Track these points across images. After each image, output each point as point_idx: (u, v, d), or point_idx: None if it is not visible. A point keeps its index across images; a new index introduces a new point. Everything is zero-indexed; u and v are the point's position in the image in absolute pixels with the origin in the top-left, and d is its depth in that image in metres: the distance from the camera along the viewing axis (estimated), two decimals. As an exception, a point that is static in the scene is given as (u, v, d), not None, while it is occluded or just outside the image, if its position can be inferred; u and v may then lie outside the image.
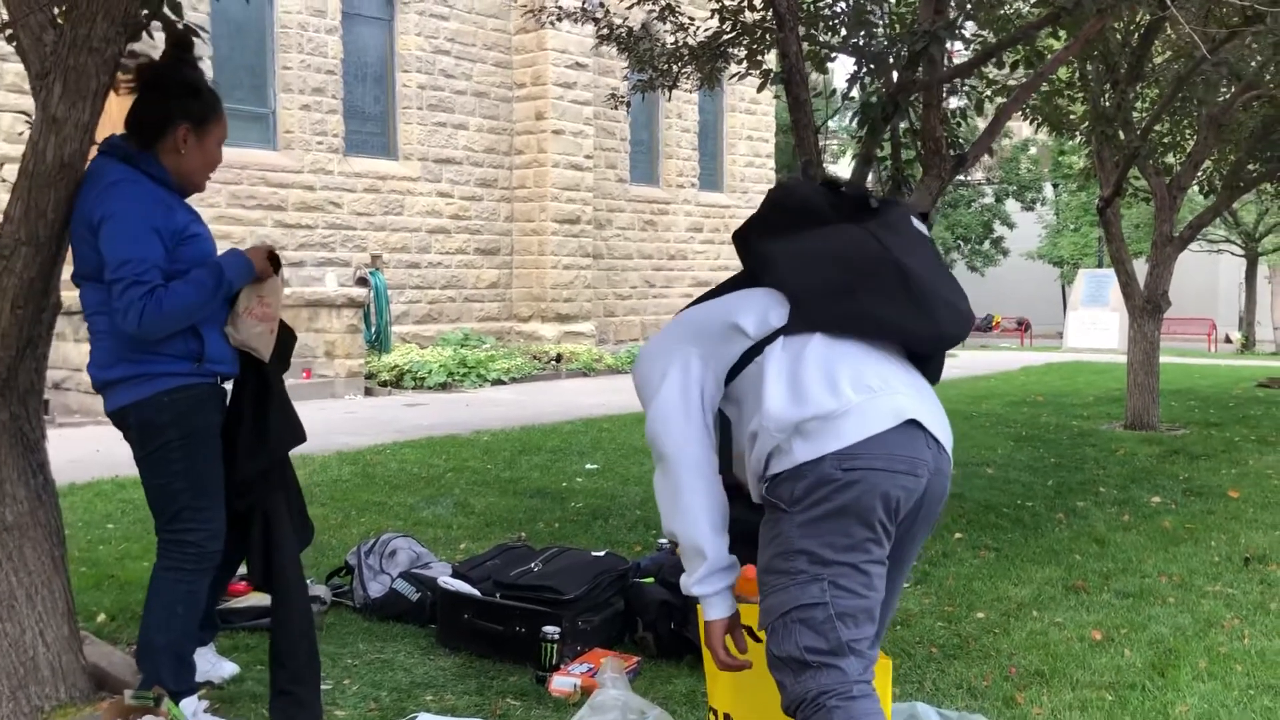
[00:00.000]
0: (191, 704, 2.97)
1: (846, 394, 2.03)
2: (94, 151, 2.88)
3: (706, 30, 7.05)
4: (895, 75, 5.51)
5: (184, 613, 2.97)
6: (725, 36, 6.85)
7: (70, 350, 10.46)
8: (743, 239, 2.31)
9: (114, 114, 2.83)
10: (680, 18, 7.05)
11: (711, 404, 2.18)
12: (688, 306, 2.37)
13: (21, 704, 2.99)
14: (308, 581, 4.11)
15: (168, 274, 2.77)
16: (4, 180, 4.78)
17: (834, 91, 7.92)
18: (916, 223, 2.23)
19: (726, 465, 2.22)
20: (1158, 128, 9.17)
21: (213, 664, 3.38)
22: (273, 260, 3.03)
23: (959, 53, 7.06)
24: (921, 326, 2.13)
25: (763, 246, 2.23)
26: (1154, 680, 3.48)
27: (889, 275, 2.09)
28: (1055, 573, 4.78)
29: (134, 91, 2.92)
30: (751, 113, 21.38)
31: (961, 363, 18.62)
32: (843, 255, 2.12)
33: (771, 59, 7.42)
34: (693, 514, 2.13)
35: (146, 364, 2.84)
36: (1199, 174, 9.95)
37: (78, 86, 2.68)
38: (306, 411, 3.74)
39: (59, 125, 2.70)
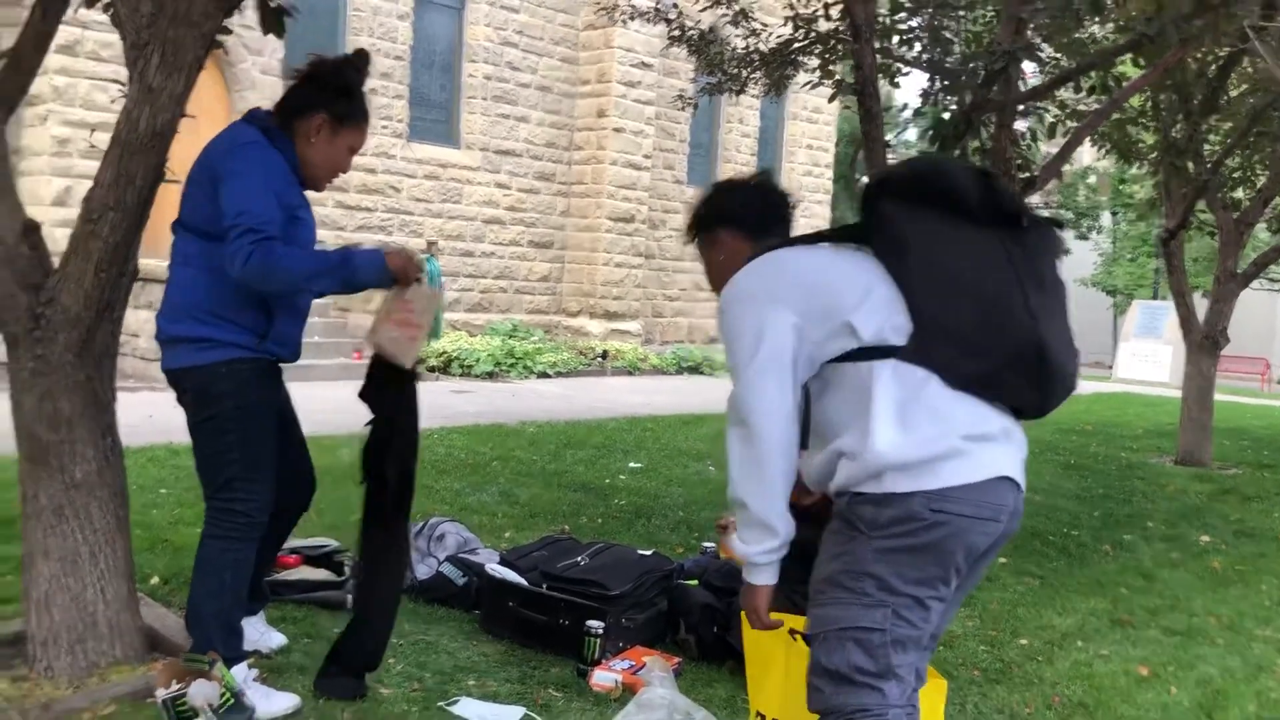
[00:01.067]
0: (241, 671, 3.01)
1: (954, 440, 1.99)
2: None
3: (778, 37, 7.03)
4: (969, 93, 5.48)
5: (231, 581, 3.01)
6: (797, 44, 6.83)
7: (129, 316, 10.60)
8: (873, 198, 2.18)
9: (206, 98, 2.88)
10: (753, 23, 7.04)
11: (802, 381, 2.10)
12: (782, 245, 2.25)
13: (79, 658, 3.06)
14: (354, 561, 4.17)
15: (282, 238, 2.80)
16: (94, 146, 4.86)
17: (905, 106, 7.87)
18: (1058, 264, 2.14)
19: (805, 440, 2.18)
20: (1228, 161, 9.02)
21: (261, 633, 3.42)
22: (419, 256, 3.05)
23: (1031, 75, 7.00)
24: (1035, 405, 2.10)
25: (896, 222, 2.11)
26: (1201, 721, 3.44)
27: (1030, 357, 2.01)
28: (1101, 604, 4.72)
29: (296, 80, 3.00)
30: (813, 121, 21.30)
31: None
32: (992, 315, 2.01)
33: (842, 69, 7.38)
34: (774, 491, 2.07)
35: (211, 328, 2.87)
36: (1268, 210, 9.79)
37: (175, 58, 2.73)
38: (355, 391, 3.78)
39: (154, 95, 2.76)
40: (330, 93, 2.96)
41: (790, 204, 2.48)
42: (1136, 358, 23.67)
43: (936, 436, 1.99)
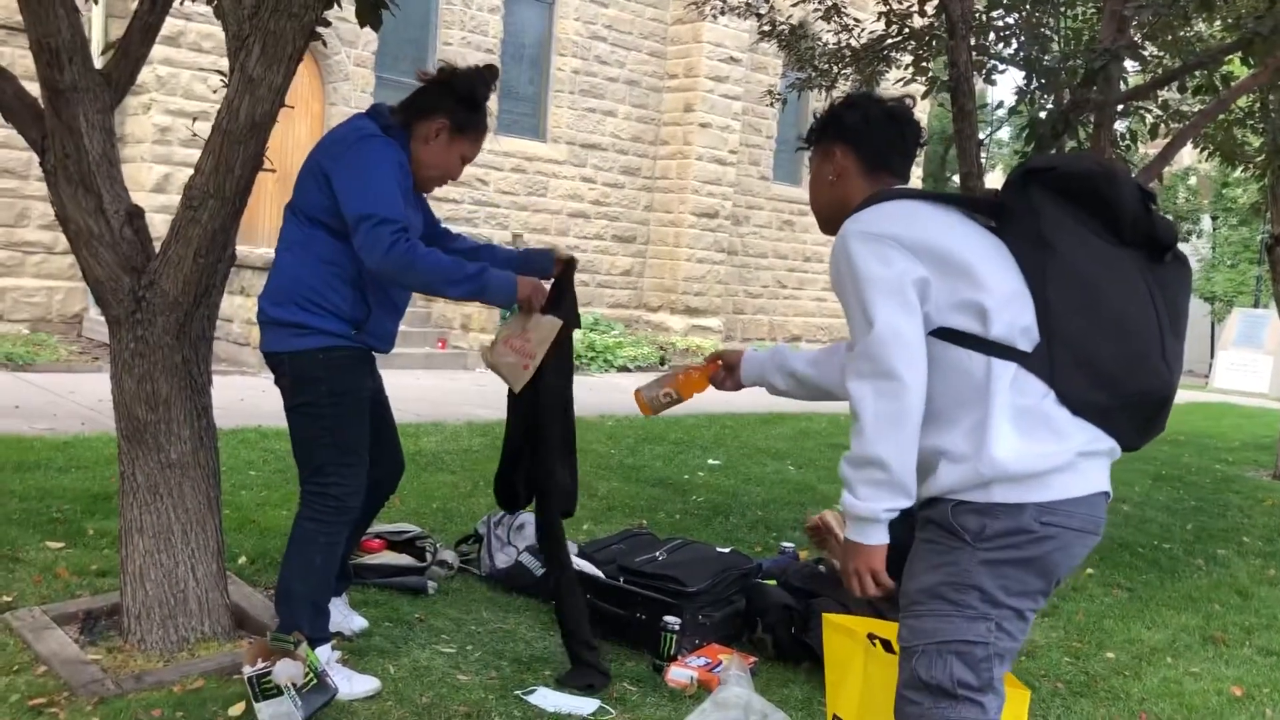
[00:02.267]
0: (325, 652, 3.07)
1: (1068, 454, 1.94)
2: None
3: (870, 33, 6.95)
4: (1068, 92, 5.35)
5: (322, 563, 3.06)
6: (890, 40, 6.75)
7: (223, 302, 10.92)
8: (1024, 184, 2.05)
9: (302, 89, 2.94)
10: (845, 18, 6.97)
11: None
12: (911, 194, 2.10)
13: (170, 633, 3.15)
14: (437, 545, 4.23)
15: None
16: (195, 135, 5.00)
17: (1000, 104, 7.71)
18: (1190, 303, 2.06)
19: None
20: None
21: (344, 615, 3.48)
22: (565, 271, 3.20)
23: (1131, 74, 6.81)
24: (1133, 444, 2.05)
25: (1043, 215, 2.00)
26: (1297, 745, 3.31)
27: (1151, 405, 1.97)
28: (1193, 620, 4.58)
29: (426, 83, 3.08)
30: (902, 119, 20.97)
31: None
32: (1130, 351, 1.93)
33: (936, 66, 7.27)
34: (910, 447, 1.93)
35: (310, 314, 2.93)
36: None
37: (275, 50, 2.78)
38: (439, 380, 3.83)
39: (254, 86, 2.82)
40: (455, 100, 3.04)
41: (920, 140, 2.29)
42: (1235, 367, 22.88)
43: (1055, 452, 1.93)
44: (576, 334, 14.52)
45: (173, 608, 3.16)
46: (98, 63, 3.18)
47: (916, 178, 21.55)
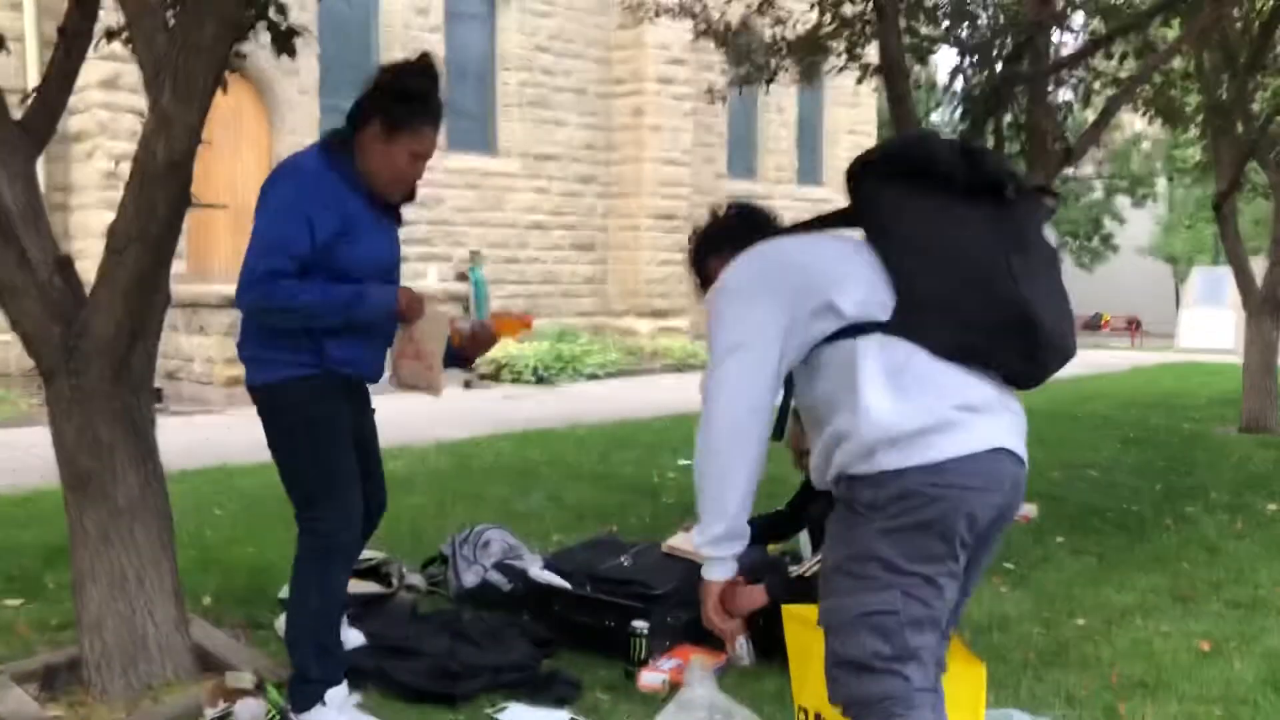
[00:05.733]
0: (339, 694, 2.98)
1: (947, 411, 1.96)
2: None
3: (805, 24, 6.98)
4: (999, 67, 5.40)
5: (319, 605, 2.98)
6: (824, 30, 6.78)
7: (183, 341, 10.84)
8: (857, 176, 2.15)
9: (248, 123, 2.92)
10: (778, 11, 7.00)
11: (784, 373, 2.08)
12: (779, 234, 2.26)
13: (132, 680, 3.12)
14: (403, 569, 4.20)
15: (307, 263, 2.78)
16: (116, 176, 4.96)
17: (934, 85, 7.77)
18: (1048, 233, 2.11)
19: (781, 430, 2.17)
20: (1278, 119, 8.78)
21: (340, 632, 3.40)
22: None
23: (1069, 44, 6.88)
24: (1028, 374, 2.07)
25: (880, 199, 2.10)
26: (1266, 696, 3.34)
27: (1015, 326, 1.98)
28: (1161, 580, 4.62)
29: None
30: (854, 106, 21.10)
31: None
32: (973, 281, 1.98)
33: (871, 52, 7.31)
34: (729, 487, 2.06)
35: (273, 350, 2.88)
36: (1323, 167, 9.50)
37: (186, 87, 2.76)
38: (407, 404, 3.82)
39: (169, 124, 2.80)
40: (386, 96, 2.87)
41: (774, 219, 2.44)
42: (1199, 325, 23.16)
43: (929, 405, 1.96)
44: (544, 347, 14.37)
45: (133, 654, 3.13)
46: (16, 112, 3.15)
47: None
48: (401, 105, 2.86)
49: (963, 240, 2.01)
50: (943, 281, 2.00)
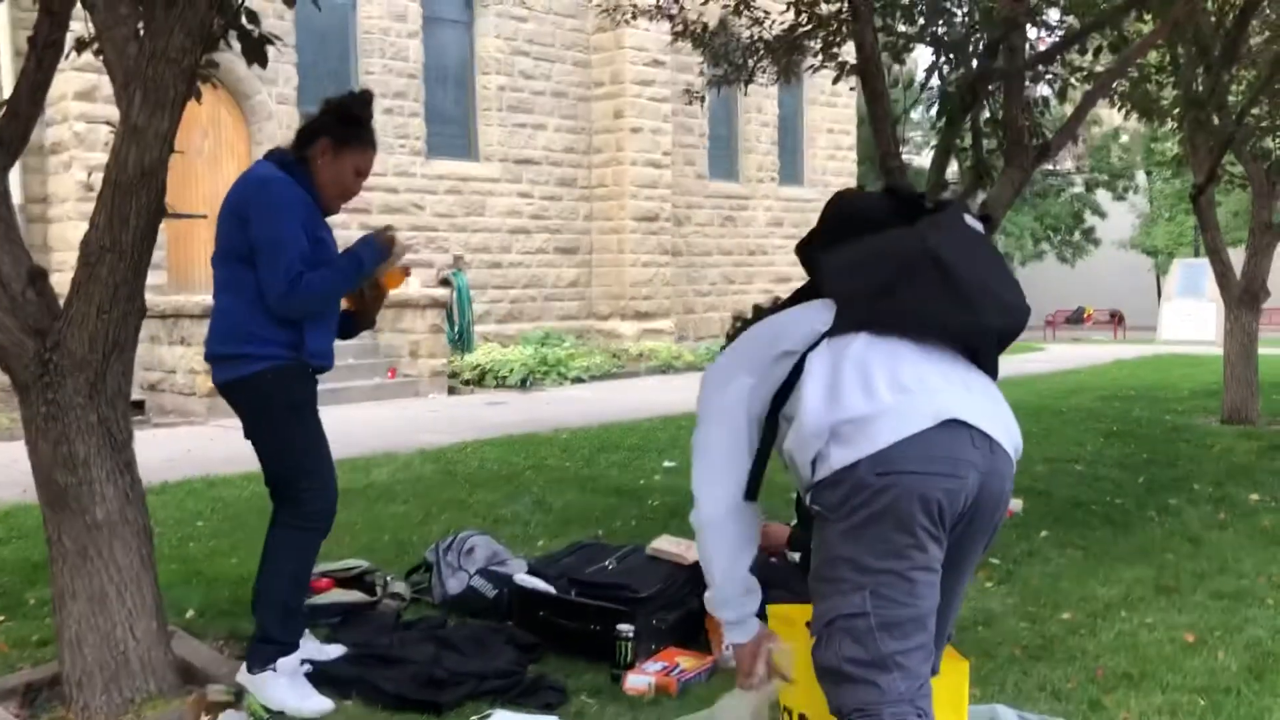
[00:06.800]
0: (292, 661, 3.17)
1: (881, 395, 1.98)
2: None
3: (782, 24, 6.98)
4: (975, 64, 5.41)
5: (292, 567, 3.25)
6: (801, 29, 6.78)
7: (164, 353, 10.78)
8: (804, 250, 2.33)
9: (227, 133, 2.92)
10: (755, 11, 7.00)
11: (758, 430, 2.21)
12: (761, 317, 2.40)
13: (114, 696, 3.09)
14: (387, 578, 4.19)
15: (309, 264, 3.11)
16: (91, 189, 4.94)
17: (912, 83, 7.79)
18: (971, 220, 2.19)
19: (754, 491, 2.24)
20: (1255, 111, 8.82)
21: (317, 649, 3.45)
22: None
23: (1045, 39, 6.90)
24: (962, 320, 2.07)
25: (817, 257, 2.25)
26: (1250, 685, 3.35)
27: (926, 269, 2.05)
28: (1146, 572, 4.63)
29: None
30: (832, 105, 21.15)
31: (1051, 356, 18.20)
32: (883, 253, 2.11)
33: (848, 50, 7.32)
34: (717, 560, 2.26)
35: (251, 346, 3.13)
36: (1299, 158, 9.56)
37: (156, 96, 2.75)
38: (391, 411, 3.80)
39: (140, 134, 2.79)
40: (332, 117, 3.24)
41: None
42: (1180, 318, 23.28)
43: (863, 389, 2.01)
44: (528, 351, 14.39)
45: (114, 670, 3.10)
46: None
47: (853, 161, 21.71)
48: (347, 126, 3.24)
49: (879, 241, 2.13)
50: (861, 272, 2.12)
